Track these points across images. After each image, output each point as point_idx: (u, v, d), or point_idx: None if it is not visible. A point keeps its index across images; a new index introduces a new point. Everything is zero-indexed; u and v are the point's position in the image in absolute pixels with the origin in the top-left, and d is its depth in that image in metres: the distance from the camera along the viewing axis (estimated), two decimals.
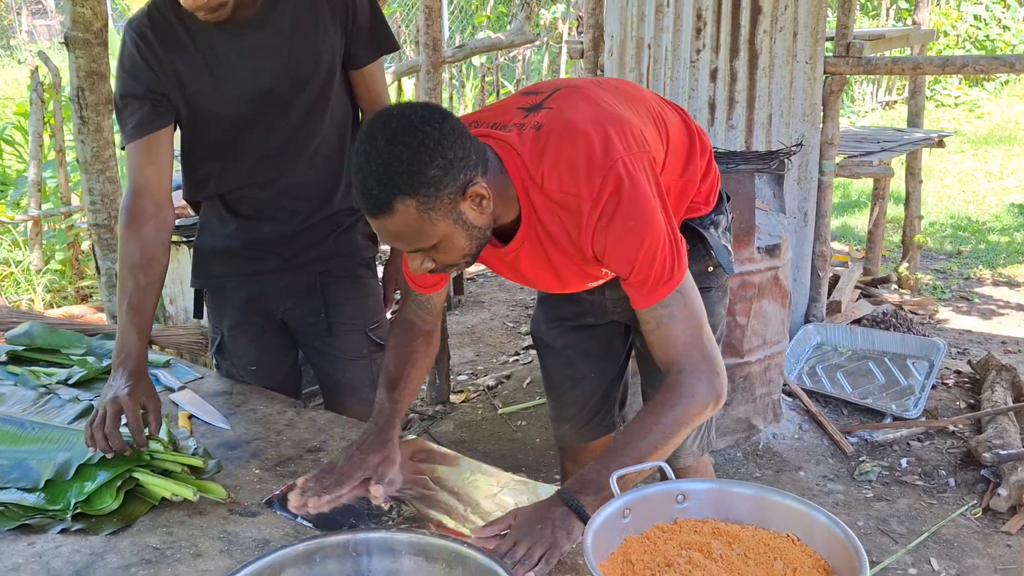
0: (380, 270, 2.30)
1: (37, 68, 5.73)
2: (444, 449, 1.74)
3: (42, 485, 1.53)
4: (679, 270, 1.48)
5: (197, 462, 1.61)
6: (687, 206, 1.78)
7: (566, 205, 1.46)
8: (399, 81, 7.30)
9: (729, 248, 1.89)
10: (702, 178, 1.79)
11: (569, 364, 2.06)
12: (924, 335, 4.42)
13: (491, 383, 4.29)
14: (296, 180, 2.01)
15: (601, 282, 1.71)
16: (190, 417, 1.86)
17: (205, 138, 1.96)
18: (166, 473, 1.57)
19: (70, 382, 2.02)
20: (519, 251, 1.57)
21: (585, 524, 1.28)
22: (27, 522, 1.48)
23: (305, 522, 1.46)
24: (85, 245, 5.55)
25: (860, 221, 7.36)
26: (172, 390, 2.04)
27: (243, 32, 1.87)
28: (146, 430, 1.62)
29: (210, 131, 1.95)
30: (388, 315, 2.24)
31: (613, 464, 1.37)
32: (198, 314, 2.21)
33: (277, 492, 1.56)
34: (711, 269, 1.88)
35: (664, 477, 1.39)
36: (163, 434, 1.69)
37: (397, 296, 2.14)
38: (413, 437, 1.83)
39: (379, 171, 1.32)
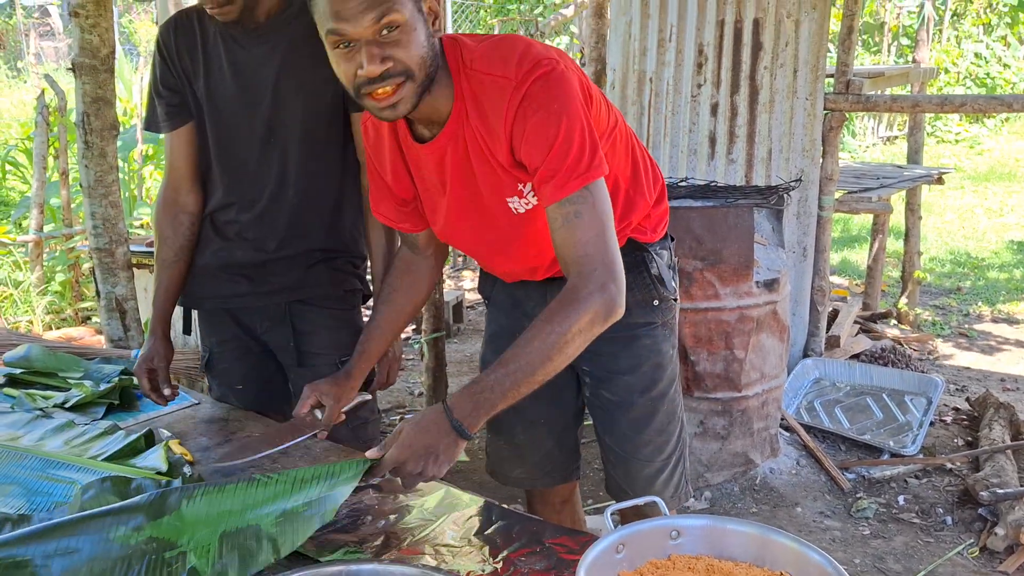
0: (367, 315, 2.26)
1: (43, 91, 5.77)
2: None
3: None
4: (593, 168, 1.46)
5: None
6: (634, 225, 1.79)
7: (491, 84, 1.48)
8: None
9: (674, 285, 1.88)
10: (655, 203, 1.82)
11: (517, 410, 2.01)
12: (922, 371, 4.42)
13: None
14: (276, 207, 2.02)
15: (518, 203, 1.63)
16: (181, 443, 1.86)
17: (208, 147, 2.04)
18: None
19: (67, 406, 2.02)
20: (445, 150, 1.58)
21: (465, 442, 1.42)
22: None
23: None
24: (85, 267, 5.57)
25: (860, 256, 7.37)
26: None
27: (241, 42, 1.92)
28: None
29: (211, 140, 2.02)
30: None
31: (507, 380, 1.41)
32: (186, 330, 2.26)
33: None
34: (656, 302, 1.85)
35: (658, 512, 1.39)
36: (160, 461, 1.69)
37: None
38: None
39: None
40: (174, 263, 2.10)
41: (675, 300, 1.90)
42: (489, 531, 1.51)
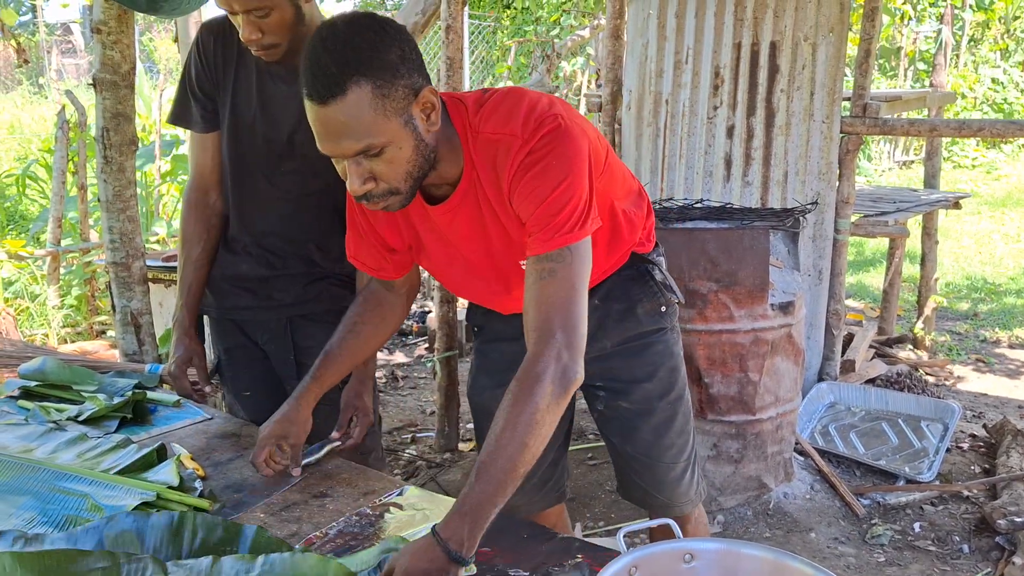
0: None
1: (64, 107, 5.84)
2: (443, 497, 1.72)
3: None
4: (581, 230, 1.44)
5: (203, 504, 1.60)
6: (636, 240, 1.84)
7: (499, 143, 1.47)
8: None
9: (675, 288, 1.92)
10: (647, 215, 1.87)
11: None
12: (939, 397, 4.37)
13: None
14: (283, 233, 2.07)
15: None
16: (193, 458, 1.86)
17: (226, 158, 2.07)
18: None
19: (80, 419, 2.03)
20: (457, 212, 1.56)
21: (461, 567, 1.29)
22: None
23: None
24: (101, 281, 5.60)
25: (875, 279, 7.34)
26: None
27: (277, 77, 1.97)
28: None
29: (229, 153, 2.06)
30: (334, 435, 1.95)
31: (491, 486, 1.30)
32: (200, 338, 2.28)
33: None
34: (664, 308, 1.89)
35: (672, 535, 1.37)
36: (171, 476, 1.69)
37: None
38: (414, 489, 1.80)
39: (337, 50, 1.31)
40: (204, 264, 2.14)
41: (679, 303, 1.95)
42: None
